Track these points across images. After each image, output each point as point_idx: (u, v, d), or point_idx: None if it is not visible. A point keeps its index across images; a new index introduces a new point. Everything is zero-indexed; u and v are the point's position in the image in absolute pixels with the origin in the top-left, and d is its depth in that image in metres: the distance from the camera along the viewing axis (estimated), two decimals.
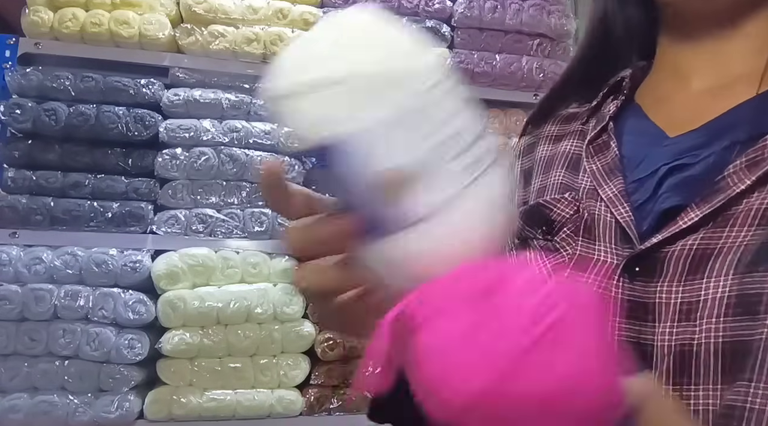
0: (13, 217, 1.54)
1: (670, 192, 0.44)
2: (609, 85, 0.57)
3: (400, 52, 0.29)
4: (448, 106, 0.27)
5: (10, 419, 1.45)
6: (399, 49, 0.29)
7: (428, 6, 1.84)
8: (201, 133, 1.65)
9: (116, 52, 1.67)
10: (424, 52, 0.29)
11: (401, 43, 0.29)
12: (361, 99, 0.26)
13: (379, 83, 0.27)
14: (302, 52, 0.29)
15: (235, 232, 1.65)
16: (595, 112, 0.56)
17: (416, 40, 0.30)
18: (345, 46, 0.28)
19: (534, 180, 0.57)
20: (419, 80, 0.27)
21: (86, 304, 1.50)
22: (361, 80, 0.26)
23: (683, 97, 0.51)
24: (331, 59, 0.27)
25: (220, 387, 1.56)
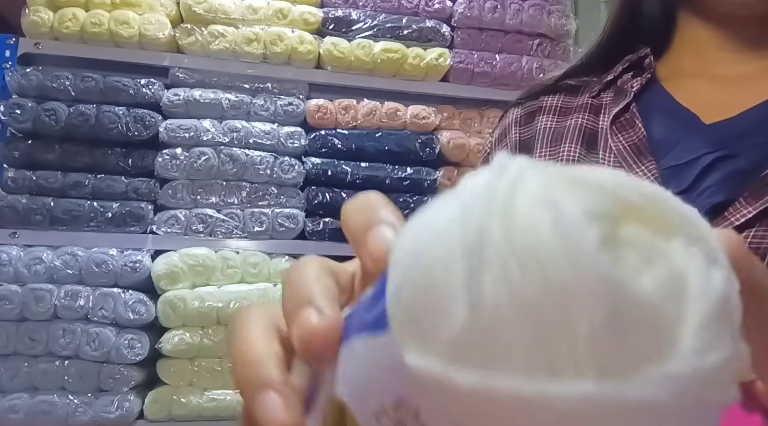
0: (13, 217, 1.54)
1: (716, 186, 0.42)
2: (630, 61, 0.53)
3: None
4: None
5: (10, 419, 1.45)
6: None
7: (428, 6, 1.84)
8: (201, 133, 1.65)
9: (116, 52, 1.67)
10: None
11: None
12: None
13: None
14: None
15: (235, 232, 1.65)
16: (609, 85, 0.53)
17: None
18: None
19: (536, 152, 0.53)
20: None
21: (86, 304, 1.50)
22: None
23: (710, 81, 0.49)
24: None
25: (220, 387, 1.56)
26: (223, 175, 1.66)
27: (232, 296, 1.56)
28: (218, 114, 1.69)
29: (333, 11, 1.79)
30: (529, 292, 0.13)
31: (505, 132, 0.58)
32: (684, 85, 0.50)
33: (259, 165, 1.66)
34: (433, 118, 1.80)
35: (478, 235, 0.14)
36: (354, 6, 1.81)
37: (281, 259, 1.65)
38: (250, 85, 1.74)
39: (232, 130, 1.67)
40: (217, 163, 1.64)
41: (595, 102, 0.53)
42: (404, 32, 1.80)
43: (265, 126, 1.70)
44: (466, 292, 0.13)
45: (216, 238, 1.64)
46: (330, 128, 1.76)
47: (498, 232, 0.14)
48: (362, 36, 1.78)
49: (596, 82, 0.55)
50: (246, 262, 1.62)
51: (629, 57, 0.54)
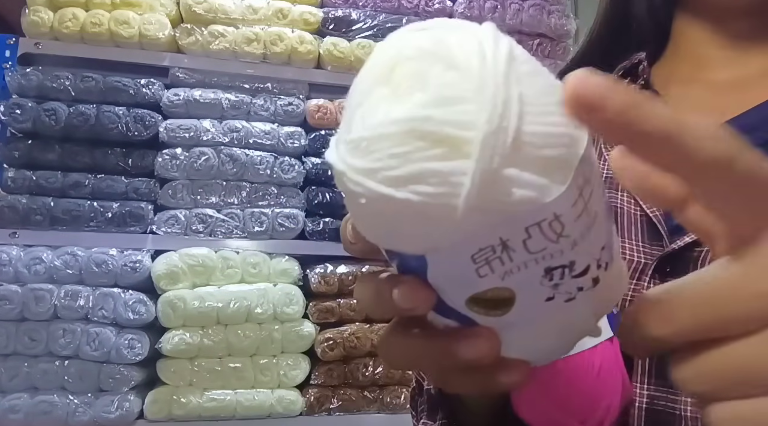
0: (13, 217, 1.54)
1: None
2: (624, 68, 0.53)
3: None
4: (578, 229, 0.21)
5: (10, 419, 1.45)
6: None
7: (428, 6, 1.84)
8: (201, 133, 1.65)
9: (116, 52, 1.67)
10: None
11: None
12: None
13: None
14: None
15: (235, 232, 1.65)
16: None
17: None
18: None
19: None
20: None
21: (86, 304, 1.50)
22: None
23: (704, 86, 0.49)
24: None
25: (220, 387, 1.56)
26: (223, 175, 1.66)
27: (232, 296, 1.56)
28: (218, 114, 1.69)
29: (333, 11, 1.79)
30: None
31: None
32: (678, 92, 0.50)
33: (259, 165, 1.66)
34: None
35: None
36: (354, 6, 1.81)
37: (281, 259, 1.65)
38: (250, 85, 1.74)
39: (232, 130, 1.67)
40: (217, 163, 1.64)
41: None
42: None
43: (265, 126, 1.70)
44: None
45: (216, 238, 1.64)
46: (330, 128, 1.76)
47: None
48: (362, 36, 1.78)
49: None
50: (246, 262, 1.62)
51: (624, 64, 0.54)
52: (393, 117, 0.19)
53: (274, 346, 1.60)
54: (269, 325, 1.59)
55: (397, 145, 0.19)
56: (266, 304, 1.58)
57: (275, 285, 1.63)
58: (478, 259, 0.20)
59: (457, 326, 0.24)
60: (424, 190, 0.19)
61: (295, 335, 1.60)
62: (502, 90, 0.19)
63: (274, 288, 1.61)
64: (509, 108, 0.19)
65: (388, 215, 0.20)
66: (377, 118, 0.20)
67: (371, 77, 0.21)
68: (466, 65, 0.19)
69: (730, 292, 0.20)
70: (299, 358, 1.62)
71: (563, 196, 0.19)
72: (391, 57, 0.21)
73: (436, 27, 0.21)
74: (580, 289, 0.23)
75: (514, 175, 0.19)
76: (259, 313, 1.57)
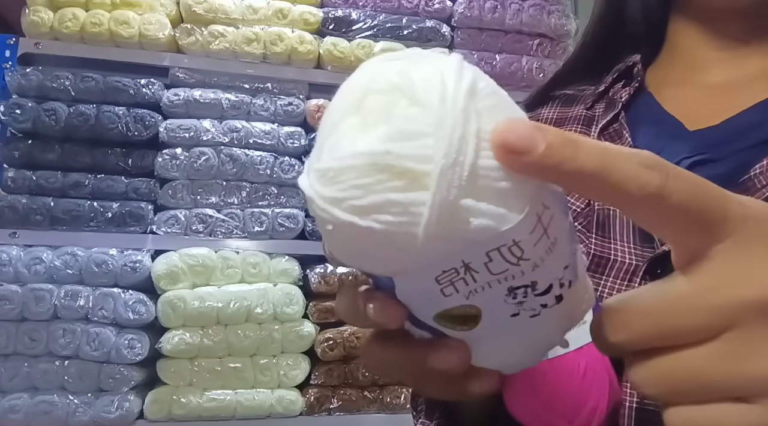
0: (13, 217, 1.54)
1: None
2: (619, 70, 0.54)
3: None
4: (538, 253, 0.22)
5: (10, 419, 1.45)
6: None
7: (428, 6, 1.84)
8: (201, 133, 1.65)
9: (116, 52, 1.67)
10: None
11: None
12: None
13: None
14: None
15: (235, 232, 1.65)
16: (601, 97, 0.53)
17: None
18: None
19: None
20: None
21: (86, 304, 1.50)
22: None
23: (698, 88, 0.49)
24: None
25: (220, 387, 1.56)
26: (223, 175, 1.66)
27: (232, 296, 1.56)
28: (218, 114, 1.69)
29: (333, 11, 1.79)
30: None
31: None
32: (672, 93, 0.50)
33: (259, 165, 1.66)
34: None
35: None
36: (354, 6, 1.81)
37: (281, 259, 1.65)
38: (250, 85, 1.74)
39: (232, 130, 1.67)
40: (217, 163, 1.64)
41: (589, 114, 0.53)
42: (404, 32, 1.81)
43: (265, 126, 1.70)
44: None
45: (216, 238, 1.64)
46: None
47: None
48: (362, 36, 1.78)
49: (591, 93, 0.55)
50: (246, 262, 1.62)
51: (619, 66, 0.54)
52: (357, 150, 0.20)
53: (274, 346, 1.60)
54: (269, 325, 1.59)
55: (361, 177, 0.20)
56: (266, 304, 1.58)
57: (275, 285, 1.63)
58: (443, 280, 0.22)
59: (430, 337, 0.26)
60: (386, 219, 0.20)
61: (295, 335, 1.60)
62: (459, 125, 0.20)
63: (274, 288, 1.62)
64: (466, 142, 0.20)
65: (353, 241, 0.21)
66: (343, 150, 0.21)
67: (342, 107, 0.22)
68: (427, 101, 0.20)
69: (679, 305, 0.21)
70: (299, 358, 1.62)
71: (520, 225, 0.21)
72: (361, 88, 0.22)
73: (406, 58, 0.23)
74: (543, 306, 0.24)
75: (471, 205, 0.20)
76: (259, 313, 1.57)
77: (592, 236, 0.45)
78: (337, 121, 0.22)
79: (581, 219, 0.46)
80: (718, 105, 0.46)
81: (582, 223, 0.46)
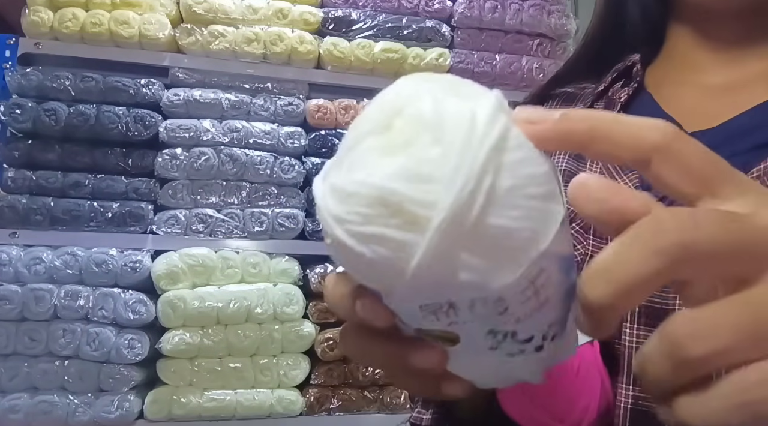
0: (13, 217, 1.54)
1: None
2: (618, 70, 0.54)
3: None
4: (524, 310, 0.22)
5: (10, 419, 1.45)
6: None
7: (428, 6, 1.84)
8: (201, 133, 1.65)
9: (116, 52, 1.67)
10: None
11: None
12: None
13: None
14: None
15: (235, 232, 1.65)
16: (600, 96, 0.53)
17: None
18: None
19: None
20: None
21: (86, 304, 1.50)
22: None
23: (697, 90, 0.49)
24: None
25: (220, 387, 1.56)
26: (223, 175, 1.66)
27: (232, 296, 1.56)
28: (218, 114, 1.69)
29: (333, 11, 1.79)
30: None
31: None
32: (670, 94, 0.50)
33: (259, 165, 1.66)
34: None
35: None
36: (354, 6, 1.81)
37: (281, 259, 1.65)
38: (250, 85, 1.74)
39: (232, 130, 1.67)
40: (217, 163, 1.64)
41: None
42: (404, 32, 1.80)
43: (265, 126, 1.70)
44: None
45: (216, 238, 1.64)
46: (330, 128, 1.76)
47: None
48: (362, 36, 1.78)
49: (590, 93, 0.55)
50: (246, 262, 1.62)
51: (618, 66, 0.54)
52: (369, 180, 0.21)
53: (274, 346, 1.60)
54: (269, 325, 1.59)
55: (366, 207, 0.20)
56: (266, 304, 1.58)
57: (275, 285, 1.63)
58: (426, 309, 0.22)
59: (415, 336, 0.26)
60: (380, 251, 0.20)
61: (295, 335, 1.60)
62: (473, 179, 0.20)
63: (274, 288, 1.62)
64: (474, 198, 0.20)
65: (346, 258, 0.22)
66: (358, 175, 0.21)
67: (371, 120, 0.22)
68: (450, 144, 0.20)
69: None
70: (299, 358, 1.62)
71: (509, 285, 0.21)
72: (394, 108, 0.22)
73: (447, 84, 0.23)
74: (522, 352, 0.24)
75: (464, 258, 0.20)
76: (259, 313, 1.57)
77: (589, 237, 0.45)
78: (363, 134, 0.22)
79: (578, 220, 0.46)
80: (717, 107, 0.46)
81: (580, 224, 0.46)
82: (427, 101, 0.21)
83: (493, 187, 0.20)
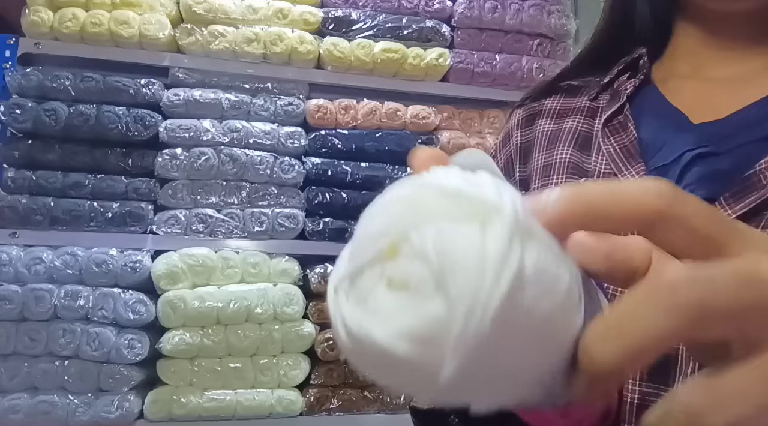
0: (13, 217, 1.54)
1: (696, 184, 0.42)
2: (625, 62, 0.53)
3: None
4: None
5: (10, 419, 1.45)
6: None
7: (428, 6, 1.84)
8: (201, 133, 1.65)
9: (116, 52, 1.67)
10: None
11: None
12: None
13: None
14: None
15: (235, 232, 1.65)
16: (605, 88, 0.53)
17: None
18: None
19: (535, 156, 0.54)
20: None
21: (86, 304, 1.50)
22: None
23: (703, 82, 0.49)
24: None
25: (220, 387, 1.56)
26: (223, 175, 1.66)
27: (232, 296, 1.56)
28: (218, 114, 1.69)
29: (333, 11, 1.79)
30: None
31: (508, 135, 0.59)
32: (677, 87, 0.50)
33: (259, 165, 1.66)
34: (433, 118, 1.80)
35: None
36: (354, 6, 1.81)
37: (281, 259, 1.65)
38: (250, 85, 1.74)
39: (232, 130, 1.67)
40: (217, 163, 1.64)
41: (592, 105, 0.53)
42: (404, 32, 1.80)
43: (265, 126, 1.70)
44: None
45: (216, 238, 1.64)
46: (330, 128, 1.76)
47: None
48: (362, 36, 1.78)
49: (595, 84, 0.55)
50: (246, 262, 1.62)
51: (625, 59, 0.54)
52: (373, 337, 0.20)
53: (274, 346, 1.60)
54: (269, 325, 1.59)
55: (372, 363, 0.21)
56: (266, 304, 1.58)
57: (275, 285, 1.63)
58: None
59: None
60: (381, 377, 0.21)
61: (295, 335, 1.60)
62: (483, 344, 0.18)
63: (274, 288, 1.62)
64: (482, 356, 0.19)
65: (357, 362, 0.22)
66: (365, 323, 0.20)
67: (376, 242, 0.21)
68: (455, 298, 0.18)
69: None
70: (299, 358, 1.62)
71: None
72: (399, 225, 0.20)
73: (469, 189, 0.21)
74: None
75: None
76: (259, 313, 1.57)
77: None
78: (367, 253, 0.21)
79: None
80: (724, 99, 0.46)
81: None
82: (432, 228, 0.19)
83: (505, 335, 0.19)
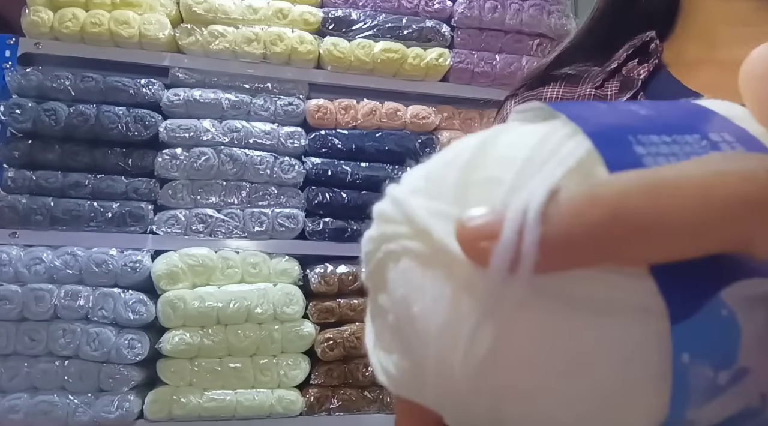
0: (13, 217, 1.54)
1: None
2: (634, 46, 0.50)
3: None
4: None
5: (10, 419, 1.45)
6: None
7: (428, 6, 1.84)
8: (201, 133, 1.65)
9: (116, 52, 1.67)
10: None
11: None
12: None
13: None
14: None
15: (235, 232, 1.65)
16: (613, 74, 0.51)
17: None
18: None
19: None
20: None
21: (86, 304, 1.50)
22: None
23: (717, 65, 0.47)
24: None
25: (220, 387, 1.56)
26: (223, 175, 1.66)
27: (232, 296, 1.56)
28: (218, 114, 1.69)
29: (333, 11, 1.79)
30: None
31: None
32: (691, 71, 0.48)
33: (259, 165, 1.66)
34: (433, 118, 1.80)
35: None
36: (354, 6, 1.81)
37: (281, 259, 1.65)
38: (250, 85, 1.74)
39: (232, 130, 1.67)
40: (217, 163, 1.64)
41: (599, 93, 0.51)
42: (404, 32, 1.80)
43: (265, 126, 1.70)
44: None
45: (216, 238, 1.64)
46: (330, 128, 1.76)
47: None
48: (362, 36, 1.78)
49: (599, 71, 0.53)
50: (246, 262, 1.62)
51: (633, 42, 0.52)
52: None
53: (274, 346, 1.60)
54: (269, 325, 1.59)
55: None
56: (266, 304, 1.58)
57: (275, 285, 1.63)
58: None
59: None
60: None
61: (295, 335, 1.60)
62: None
63: (274, 288, 1.62)
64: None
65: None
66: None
67: (373, 292, 0.20)
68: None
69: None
70: (299, 358, 1.62)
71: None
72: (388, 289, 0.18)
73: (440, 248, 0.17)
74: None
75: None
76: (259, 313, 1.57)
77: None
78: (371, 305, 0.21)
79: None
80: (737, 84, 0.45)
81: None
82: (418, 306, 0.16)
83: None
